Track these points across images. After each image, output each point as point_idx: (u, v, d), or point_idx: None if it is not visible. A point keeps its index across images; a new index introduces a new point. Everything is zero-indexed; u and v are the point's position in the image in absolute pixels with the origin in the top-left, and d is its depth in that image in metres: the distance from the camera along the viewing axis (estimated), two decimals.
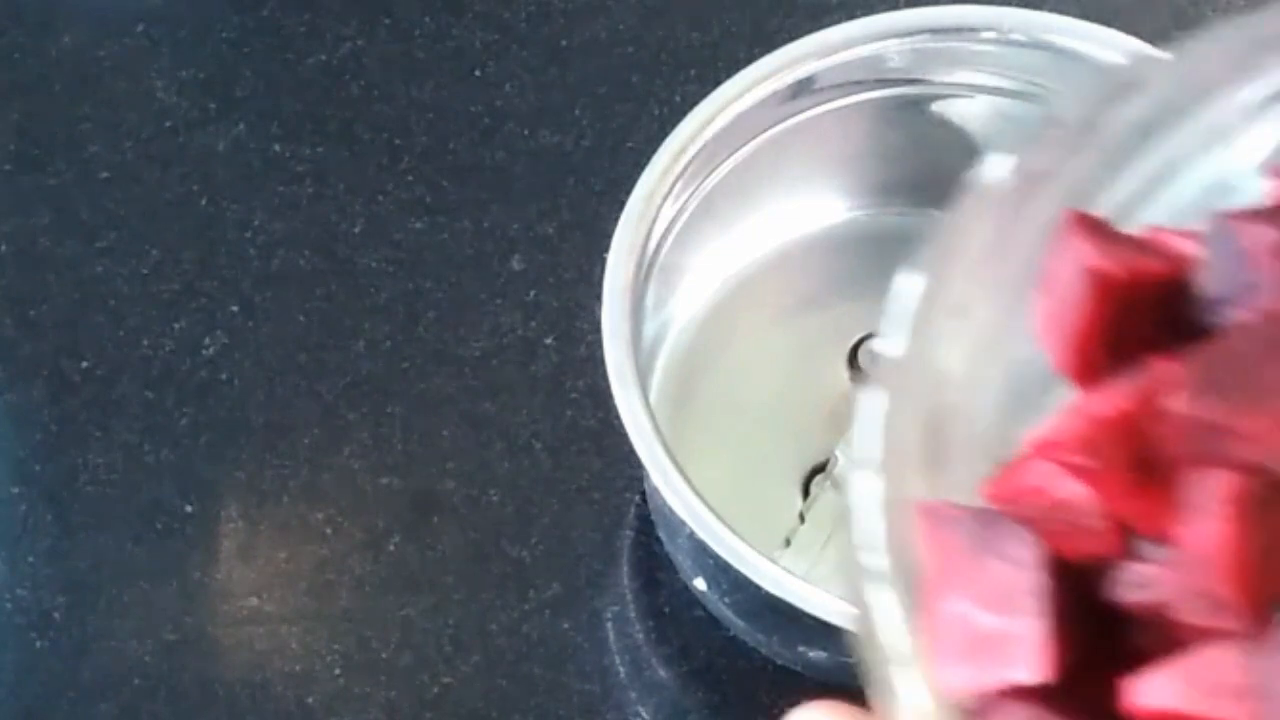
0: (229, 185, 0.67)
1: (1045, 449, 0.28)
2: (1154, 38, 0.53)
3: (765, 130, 0.57)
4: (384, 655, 0.59)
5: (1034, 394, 0.33)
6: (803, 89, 0.56)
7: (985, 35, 0.55)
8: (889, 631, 0.28)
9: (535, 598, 0.59)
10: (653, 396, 0.55)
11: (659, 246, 0.54)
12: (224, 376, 0.64)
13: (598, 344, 0.50)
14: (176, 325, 0.65)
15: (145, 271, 0.66)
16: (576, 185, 0.66)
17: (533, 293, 0.64)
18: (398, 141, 0.68)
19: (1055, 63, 0.55)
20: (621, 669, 0.59)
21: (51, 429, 0.63)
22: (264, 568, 0.61)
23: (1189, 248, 0.29)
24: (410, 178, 0.67)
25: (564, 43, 0.69)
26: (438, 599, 0.59)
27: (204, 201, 0.67)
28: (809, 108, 0.57)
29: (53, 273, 0.66)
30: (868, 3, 0.68)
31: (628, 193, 0.53)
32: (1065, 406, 0.29)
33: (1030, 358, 0.32)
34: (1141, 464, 0.27)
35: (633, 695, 0.59)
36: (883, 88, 0.58)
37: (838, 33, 0.56)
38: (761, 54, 0.55)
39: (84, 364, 0.64)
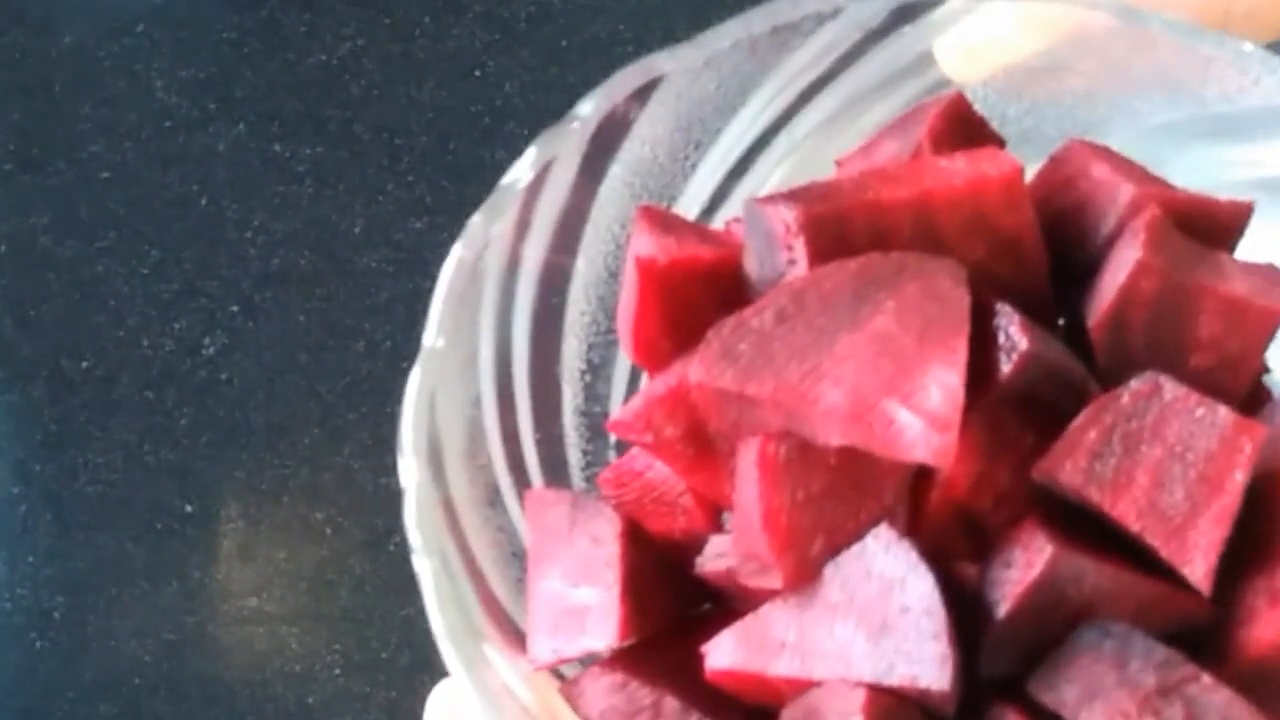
0: (229, 185, 0.67)
1: (615, 427, 0.30)
2: None
3: None
4: (384, 655, 0.59)
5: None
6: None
7: None
8: (436, 612, 0.29)
9: None
10: None
11: None
12: (224, 376, 0.64)
13: None
14: (176, 325, 0.65)
15: (145, 271, 0.66)
16: None
17: None
18: (398, 141, 0.68)
19: None
20: None
21: (51, 429, 0.63)
22: (264, 568, 0.61)
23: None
24: (410, 178, 0.67)
25: (564, 43, 0.69)
26: None
27: (204, 201, 0.67)
28: None
29: (53, 273, 0.66)
30: None
31: None
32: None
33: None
34: (697, 436, 0.28)
35: None
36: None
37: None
38: None
39: (84, 364, 0.64)
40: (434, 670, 0.67)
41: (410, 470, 0.30)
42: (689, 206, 0.36)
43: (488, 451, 0.33)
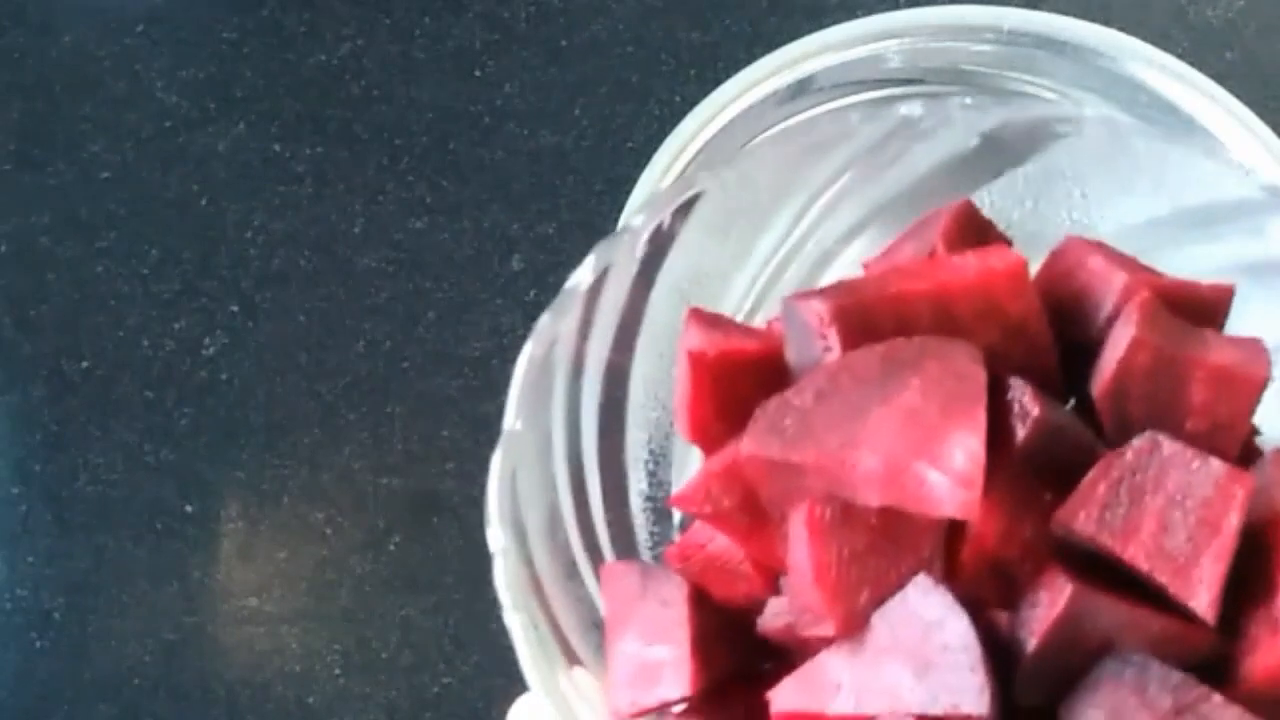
0: (229, 185, 0.67)
1: (677, 501, 0.33)
2: (1152, 37, 0.53)
3: (765, 130, 0.57)
4: (384, 655, 0.59)
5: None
6: (803, 89, 0.56)
7: (985, 35, 0.55)
8: (527, 664, 0.34)
9: None
10: None
11: None
12: (224, 376, 0.64)
13: None
14: (176, 325, 0.65)
15: (145, 271, 0.66)
16: (576, 185, 0.66)
17: (533, 293, 0.65)
18: (398, 141, 0.68)
19: (1054, 63, 0.55)
20: None
21: (51, 429, 0.63)
22: (264, 568, 0.61)
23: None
24: (410, 178, 0.67)
25: (564, 43, 0.69)
26: (438, 599, 0.59)
27: (204, 201, 0.67)
28: (809, 108, 0.57)
29: (53, 273, 0.66)
30: (868, 3, 0.68)
31: (627, 193, 0.53)
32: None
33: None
34: (751, 506, 0.32)
35: None
36: (882, 88, 0.58)
37: (837, 33, 0.55)
38: (761, 54, 0.55)
39: (84, 364, 0.64)
40: (434, 670, 0.68)
41: (498, 538, 0.34)
42: (731, 311, 0.40)
43: (564, 531, 0.36)
